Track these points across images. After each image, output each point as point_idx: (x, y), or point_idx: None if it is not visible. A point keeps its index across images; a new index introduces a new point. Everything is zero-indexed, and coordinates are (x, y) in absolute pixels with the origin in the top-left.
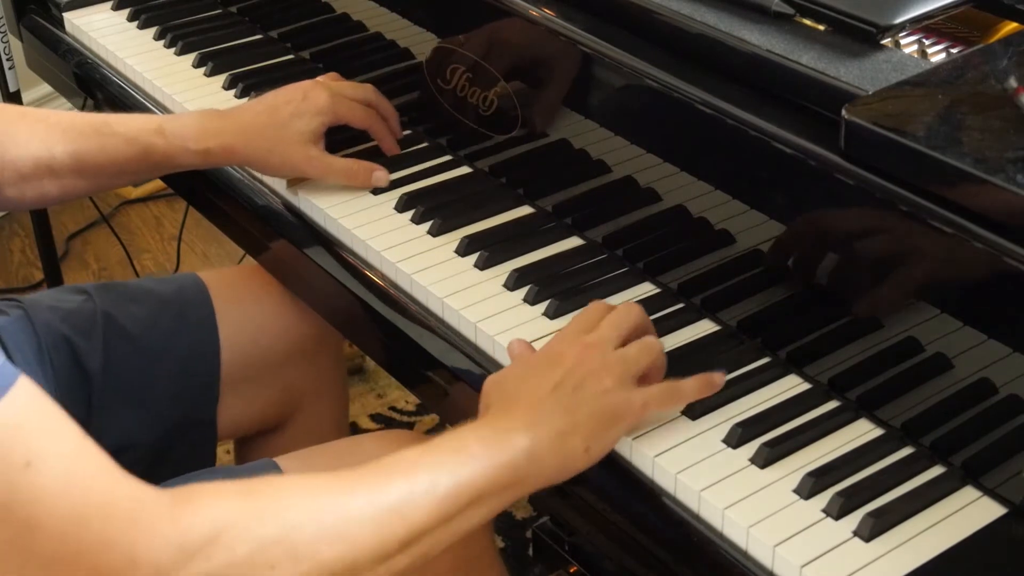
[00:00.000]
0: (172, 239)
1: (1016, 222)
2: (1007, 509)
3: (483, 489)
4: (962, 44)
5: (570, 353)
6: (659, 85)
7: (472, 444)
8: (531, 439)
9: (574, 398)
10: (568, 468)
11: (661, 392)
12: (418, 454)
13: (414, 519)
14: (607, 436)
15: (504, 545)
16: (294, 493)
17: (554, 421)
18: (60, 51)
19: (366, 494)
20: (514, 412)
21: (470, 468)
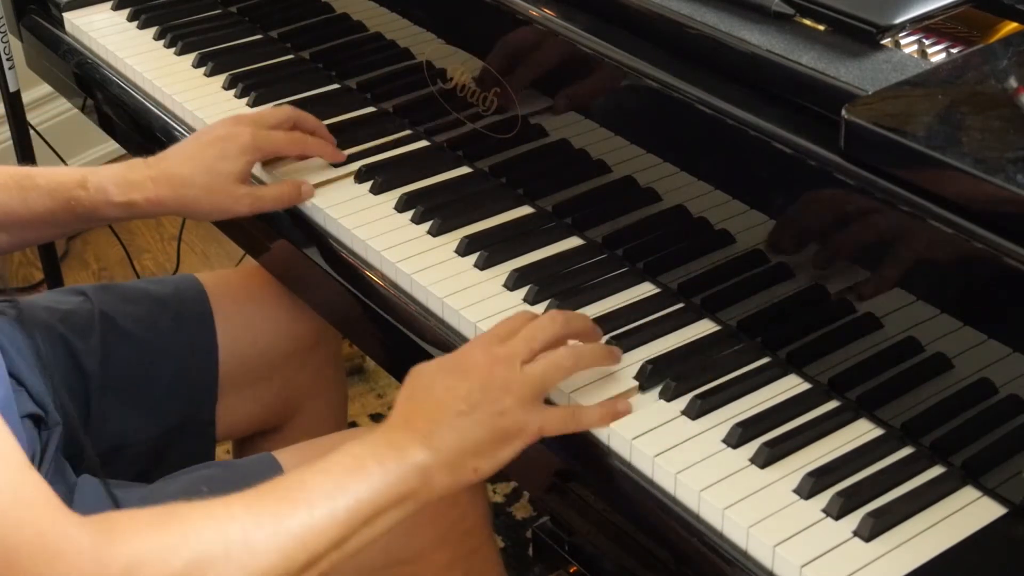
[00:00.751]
0: (172, 239)
1: (1016, 222)
2: (1007, 509)
3: (378, 507)
4: (962, 44)
5: (479, 365)
6: (659, 85)
7: (369, 463)
8: (424, 457)
9: (471, 418)
10: (457, 484)
11: (560, 417)
12: (318, 478)
13: (315, 545)
14: (498, 456)
15: (504, 545)
16: (204, 527)
17: (449, 440)
18: (60, 51)
19: (271, 525)
20: (413, 424)
21: (366, 487)
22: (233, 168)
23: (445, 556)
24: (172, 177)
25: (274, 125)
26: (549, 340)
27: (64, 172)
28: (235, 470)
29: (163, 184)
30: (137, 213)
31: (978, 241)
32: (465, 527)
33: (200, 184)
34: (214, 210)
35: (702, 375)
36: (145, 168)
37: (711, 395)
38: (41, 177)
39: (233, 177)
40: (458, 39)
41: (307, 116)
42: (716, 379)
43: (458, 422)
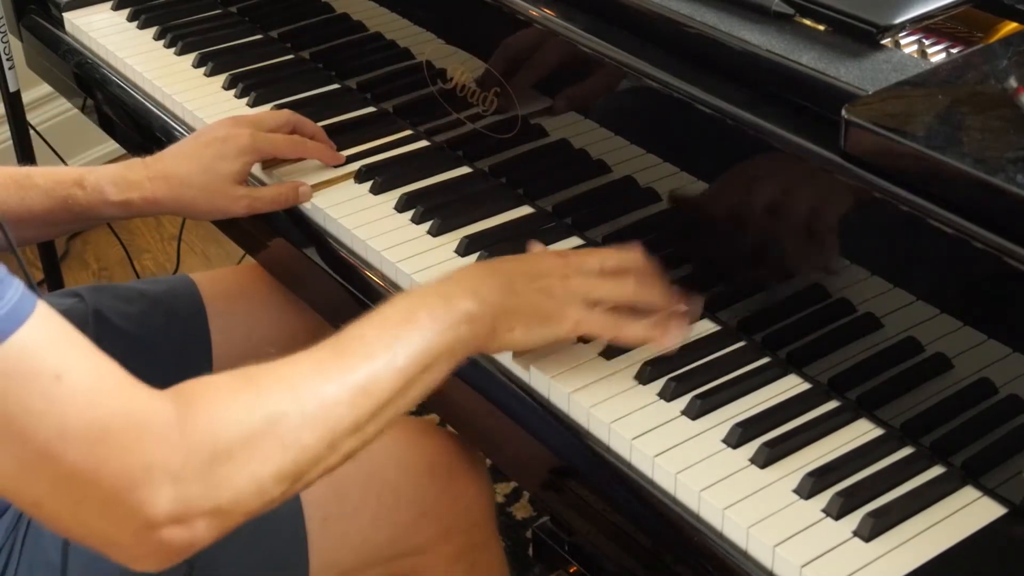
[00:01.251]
0: (172, 239)
1: (1016, 222)
2: (1007, 509)
3: (433, 355)
4: (962, 44)
5: (547, 257)
6: (659, 85)
7: (421, 314)
8: (471, 305)
9: (521, 284)
10: (496, 340)
11: (601, 320)
12: (374, 332)
13: (379, 393)
14: (533, 331)
15: (504, 545)
16: (275, 386)
17: (496, 295)
18: (60, 51)
19: (337, 378)
20: (465, 280)
21: (420, 337)
22: (231, 169)
23: (451, 549)
24: (169, 177)
25: (273, 128)
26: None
27: (62, 171)
28: None
29: (160, 183)
30: (134, 212)
31: (978, 241)
32: (471, 520)
33: (197, 184)
34: (211, 210)
35: (702, 375)
36: (143, 168)
37: (711, 395)
38: (39, 176)
39: (231, 178)
40: (458, 39)
41: (306, 121)
42: (716, 379)
43: (509, 286)
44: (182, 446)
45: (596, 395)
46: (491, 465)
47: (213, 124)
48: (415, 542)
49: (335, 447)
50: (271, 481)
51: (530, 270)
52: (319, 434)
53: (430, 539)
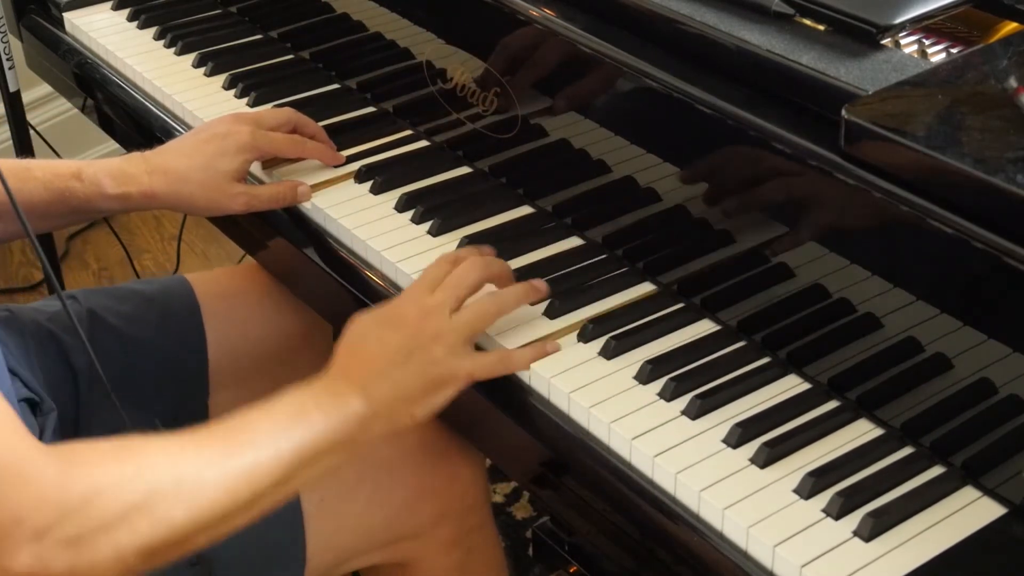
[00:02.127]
0: (172, 239)
1: (1016, 222)
2: (1007, 509)
3: (318, 451)
4: (962, 44)
5: (410, 317)
6: (659, 85)
7: (311, 410)
8: (362, 406)
9: (405, 368)
10: (394, 429)
11: (490, 362)
12: (265, 422)
13: (259, 484)
14: (432, 402)
15: (504, 545)
16: (158, 463)
17: (385, 390)
18: (60, 51)
19: (220, 463)
20: (351, 375)
21: (309, 433)
22: (230, 166)
23: (447, 532)
24: (168, 171)
25: (274, 126)
26: (473, 286)
27: (60, 164)
28: None
29: (158, 177)
30: (131, 206)
31: (978, 241)
32: (466, 504)
33: (196, 180)
34: (209, 206)
35: (702, 375)
36: (142, 161)
37: (711, 395)
38: (38, 169)
39: (230, 175)
40: (458, 39)
41: (307, 120)
42: (716, 379)
43: (393, 373)
44: (56, 507)
45: (596, 395)
46: (491, 465)
47: (214, 120)
48: (411, 525)
49: (203, 529)
50: (132, 554)
51: (403, 342)
52: (190, 514)
53: (426, 522)
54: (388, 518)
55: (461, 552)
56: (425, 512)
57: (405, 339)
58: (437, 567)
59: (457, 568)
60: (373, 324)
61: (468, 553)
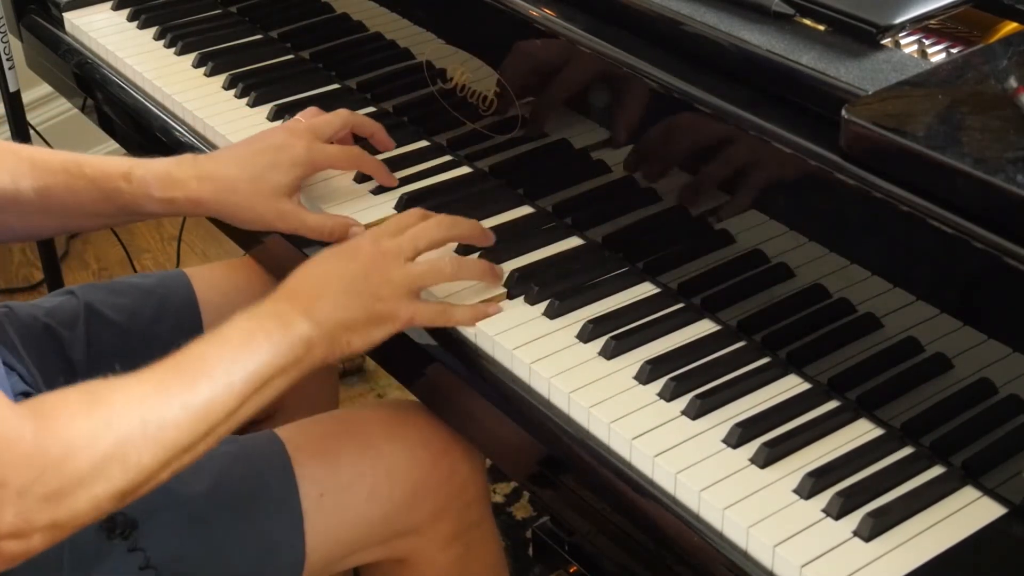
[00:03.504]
0: (172, 239)
1: (1016, 222)
2: (1007, 509)
3: (267, 376)
4: (962, 44)
5: (366, 253)
6: (659, 85)
7: (259, 336)
8: (306, 328)
9: (350, 298)
10: (334, 355)
11: (431, 311)
12: (215, 352)
13: (216, 414)
14: (371, 335)
15: (504, 545)
16: (124, 410)
17: (328, 313)
18: (60, 51)
19: (179, 401)
20: (297, 296)
21: (257, 359)
22: (282, 180)
23: (446, 528)
24: (216, 179)
25: (331, 135)
26: (434, 242)
27: (111, 162)
28: (240, 445)
29: (207, 184)
30: (177, 210)
31: (978, 241)
32: (465, 499)
33: (244, 191)
34: (255, 220)
35: (702, 375)
36: (192, 166)
37: (711, 395)
38: (88, 166)
39: (280, 190)
40: (458, 39)
41: (363, 120)
42: (716, 379)
43: (339, 299)
44: (35, 465)
45: (596, 395)
46: (491, 465)
47: (270, 130)
48: (411, 520)
49: (168, 465)
50: (107, 500)
51: (355, 274)
52: (157, 455)
53: (425, 517)
54: (387, 513)
55: (460, 547)
56: (424, 507)
57: (355, 271)
58: (436, 563)
59: (456, 564)
60: (329, 253)
61: (467, 549)
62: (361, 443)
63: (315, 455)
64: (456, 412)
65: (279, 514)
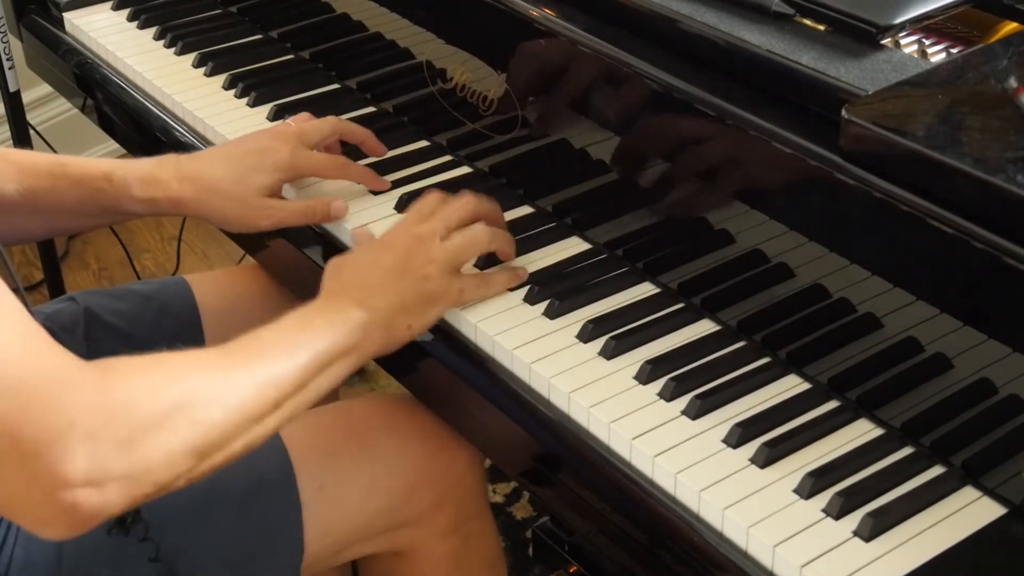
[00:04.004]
0: (172, 239)
1: (1016, 222)
2: (1007, 509)
3: (329, 357)
4: (962, 44)
5: (401, 242)
6: (659, 85)
7: (317, 321)
8: (362, 315)
9: (400, 282)
10: (394, 340)
11: (475, 282)
12: (272, 335)
13: (282, 386)
14: (427, 316)
15: (504, 545)
16: (189, 371)
17: (382, 301)
18: (60, 51)
19: (244, 367)
20: (349, 292)
21: (319, 340)
22: (264, 182)
23: (445, 520)
24: (197, 179)
25: (318, 142)
26: (464, 219)
27: (94, 164)
28: None
29: (188, 185)
30: (158, 210)
31: (978, 241)
32: (463, 491)
33: (225, 192)
34: (236, 220)
35: (702, 375)
36: (174, 166)
37: (711, 395)
38: (72, 167)
39: (262, 191)
40: (458, 39)
41: (353, 127)
42: (716, 379)
43: (388, 287)
44: (103, 409)
45: (596, 395)
46: (491, 465)
47: (257, 133)
48: (409, 512)
49: (240, 432)
50: (181, 454)
51: (396, 261)
52: (227, 415)
53: (424, 509)
54: (386, 504)
55: (458, 540)
56: (423, 498)
57: (397, 259)
58: (435, 555)
59: (454, 556)
60: (362, 250)
61: (465, 541)
62: (359, 436)
63: (313, 448)
64: (456, 412)
65: (278, 506)
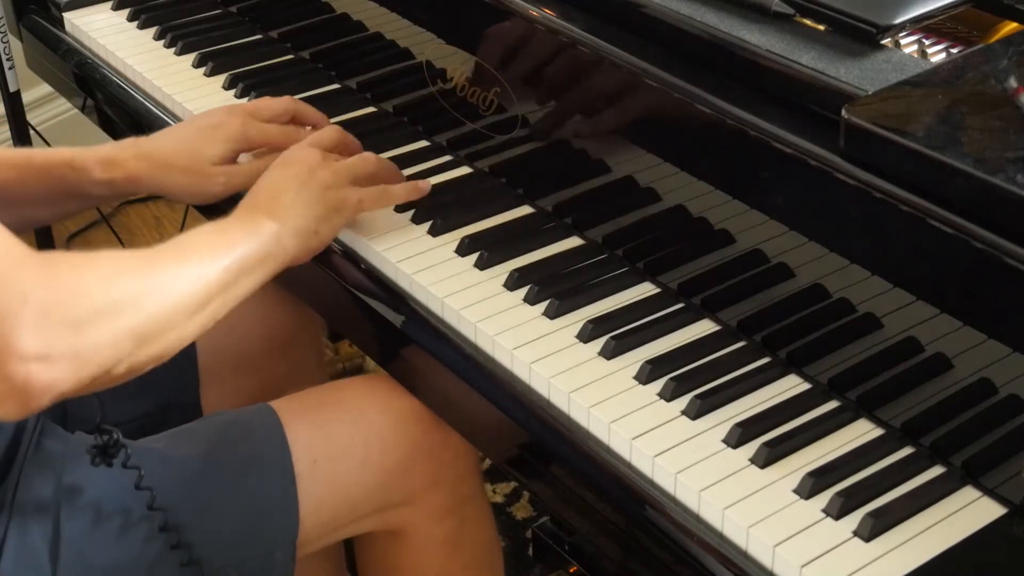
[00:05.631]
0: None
1: (1016, 222)
2: (1007, 509)
3: (248, 263)
4: (962, 44)
5: (301, 156)
6: (659, 85)
7: (233, 230)
8: (273, 225)
9: (303, 192)
10: (306, 247)
11: (374, 193)
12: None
13: (209, 282)
14: (332, 223)
15: (504, 545)
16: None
17: (290, 210)
18: (60, 51)
19: (174, 266)
20: (257, 206)
21: (236, 245)
22: (216, 152)
23: (440, 499)
24: (153, 156)
25: (270, 117)
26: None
27: (58, 152)
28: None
29: (144, 162)
30: (119, 191)
31: (978, 241)
32: (458, 471)
33: (179, 166)
34: (190, 191)
35: (702, 375)
36: (132, 147)
37: (711, 395)
38: (37, 158)
39: (213, 160)
40: (458, 39)
41: (308, 110)
42: (716, 379)
43: (295, 198)
44: (54, 289)
45: (596, 395)
46: (491, 465)
47: (210, 110)
48: (404, 490)
49: (175, 324)
50: (123, 336)
51: (299, 174)
52: (162, 303)
53: (419, 487)
54: (380, 481)
55: (454, 521)
56: (417, 476)
57: (300, 171)
58: (431, 536)
59: (450, 538)
60: (270, 169)
61: (461, 523)
62: (354, 413)
63: (308, 423)
64: (456, 411)
65: (272, 476)
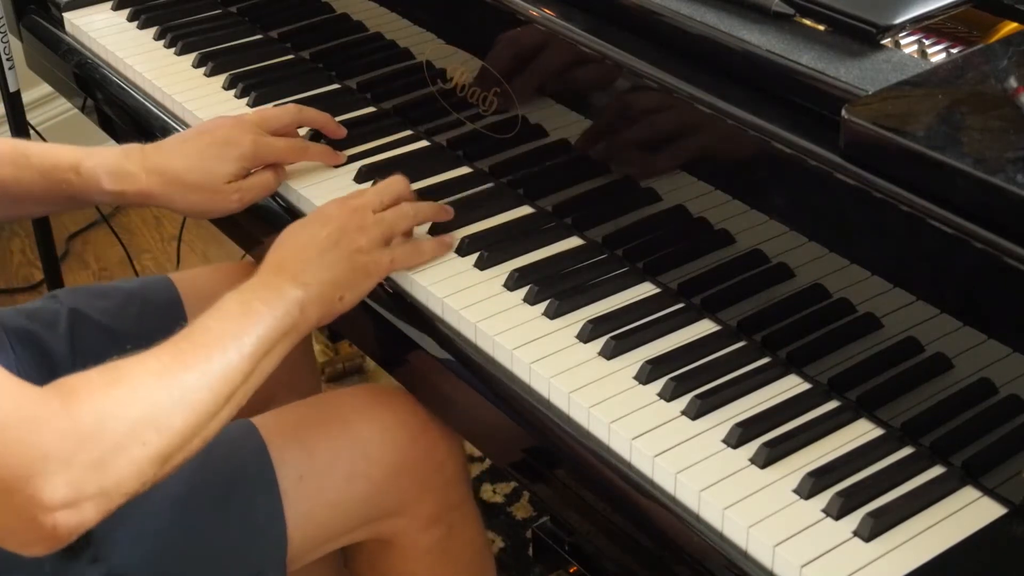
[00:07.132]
0: (172, 239)
1: (1016, 222)
2: (1007, 509)
3: (271, 341)
4: (962, 44)
5: (335, 214)
6: (659, 85)
7: (255, 305)
8: (298, 292)
9: (333, 255)
10: (329, 314)
11: (406, 252)
12: (219, 325)
13: (233, 378)
14: (360, 288)
15: (504, 545)
16: (146, 379)
17: (316, 275)
18: (60, 51)
19: (198, 368)
20: (284, 268)
21: (261, 325)
22: (227, 171)
23: (428, 508)
24: (165, 172)
25: (278, 129)
26: (396, 194)
27: (59, 154)
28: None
29: (155, 178)
30: (127, 202)
31: (978, 241)
32: (446, 478)
33: (192, 183)
34: (204, 208)
35: (702, 375)
36: (141, 158)
37: (711, 395)
38: (37, 156)
39: (226, 178)
40: (458, 39)
41: (313, 114)
42: (716, 379)
43: (322, 259)
44: (73, 435)
45: (596, 395)
46: (491, 465)
47: (218, 122)
48: (392, 500)
49: (199, 430)
50: (147, 464)
51: (331, 234)
52: (188, 419)
53: (406, 497)
54: (367, 493)
55: (443, 528)
56: (404, 487)
57: (331, 231)
58: (420, 544)
59: (439, 545)
60: (300, 225)
61: (450, 530)
62: (338, 425)
63: (291, 439)
64: (455, 412)
65: (258, 496)
